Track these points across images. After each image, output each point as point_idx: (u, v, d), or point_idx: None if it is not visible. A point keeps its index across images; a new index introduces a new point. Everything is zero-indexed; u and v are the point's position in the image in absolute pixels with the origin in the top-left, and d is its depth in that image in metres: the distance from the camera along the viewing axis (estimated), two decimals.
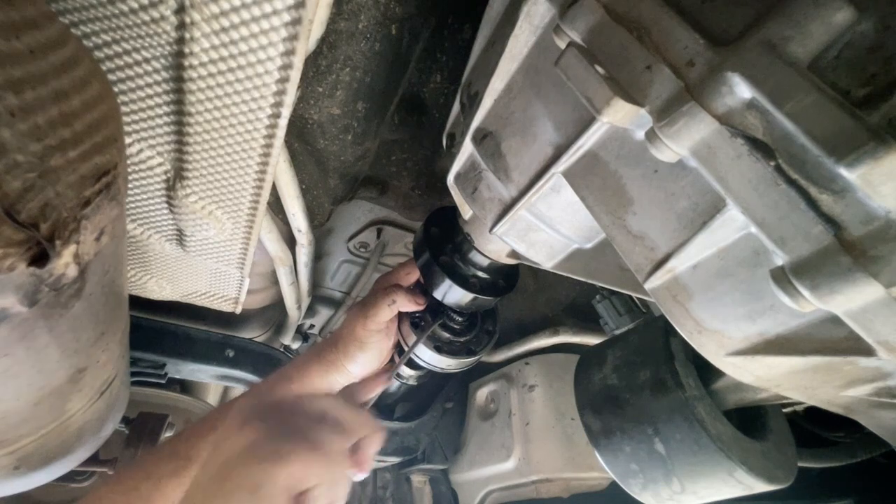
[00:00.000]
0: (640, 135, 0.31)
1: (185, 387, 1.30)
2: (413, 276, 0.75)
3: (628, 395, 0.48)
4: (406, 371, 0.89)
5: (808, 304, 0.24)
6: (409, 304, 0.70)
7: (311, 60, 0.56)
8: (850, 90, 0.24)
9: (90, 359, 0.49)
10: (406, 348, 0.78)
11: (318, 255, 1.04)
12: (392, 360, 0.78)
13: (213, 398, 1.50)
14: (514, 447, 1.04)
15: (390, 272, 0.77)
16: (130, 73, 0.48)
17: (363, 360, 0.70)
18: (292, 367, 0.69)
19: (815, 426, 0.65)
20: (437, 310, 0.76)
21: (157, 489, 0.52)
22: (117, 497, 0.51)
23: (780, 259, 0.25)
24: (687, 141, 0.26)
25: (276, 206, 0.75)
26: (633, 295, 0.82)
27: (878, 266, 0.22)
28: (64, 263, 0.31)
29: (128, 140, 0.54)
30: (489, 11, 0.45)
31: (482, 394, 1.21)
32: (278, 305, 1.06)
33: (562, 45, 0.31)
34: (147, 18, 0.43)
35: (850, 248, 0.22)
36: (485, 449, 1.12)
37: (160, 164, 0.58)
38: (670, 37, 0.27)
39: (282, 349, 1.28)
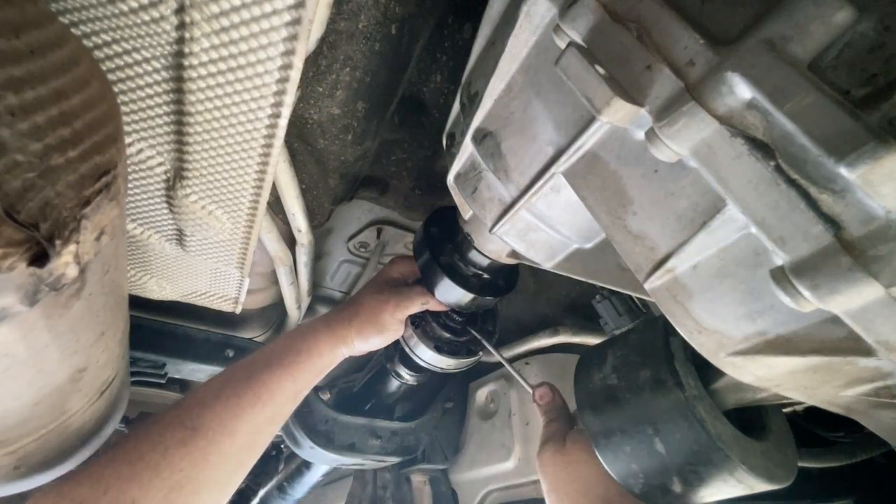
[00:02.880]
0: (640, 135, 0.31)
1: (184, 387, 1.30)
2: None
3: (628, 395, 0.48)
4: (405, 371, 0.89)
5: (808, 304, 0.24)
6: (439, 307, 0.73)
7: (311, 60, 0.56)
8: (850, 90, 0.24)
9: (90, 359, 0.48)
10: (403, 344, 0.79)
11: (318, 255, 1.03)
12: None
13: None
14: (514, 447, 1.04)
15: (407, 258, 0.78)
16: (130, 73, 0.48)
17: (374, 342, 0.72)
18: (299, 338, 0.68)
19: (815, 426, 0.65)
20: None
21: (165, 458, 0.51)
22: (122, 467, 0.49)
23: (780, 259, 0.25)
24: (687, 141, 0.26)
25: (276, 206, 0.75)
26: (633, 295, 0.82)
27: (878, 266, 0.22)
28: (64, 263, 0.31)
29: (128, 140, 0.54)
30: (489, 11, 0.45)
31: (482, 394, 1.21)
32: (278, 305, 1.05)
33: (562, 44, 0.31)
34: (147, 18, 0.43)
35: (850, 248, 0.22)
36: (485, 449, 1.12)
37: (160, 164, 0.58)
38: (670, 37, 0.27)
39: None
